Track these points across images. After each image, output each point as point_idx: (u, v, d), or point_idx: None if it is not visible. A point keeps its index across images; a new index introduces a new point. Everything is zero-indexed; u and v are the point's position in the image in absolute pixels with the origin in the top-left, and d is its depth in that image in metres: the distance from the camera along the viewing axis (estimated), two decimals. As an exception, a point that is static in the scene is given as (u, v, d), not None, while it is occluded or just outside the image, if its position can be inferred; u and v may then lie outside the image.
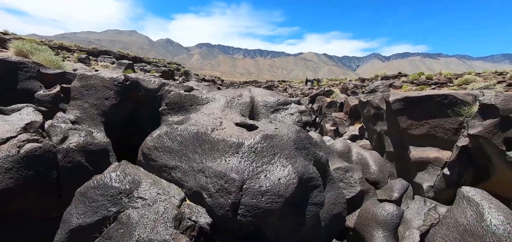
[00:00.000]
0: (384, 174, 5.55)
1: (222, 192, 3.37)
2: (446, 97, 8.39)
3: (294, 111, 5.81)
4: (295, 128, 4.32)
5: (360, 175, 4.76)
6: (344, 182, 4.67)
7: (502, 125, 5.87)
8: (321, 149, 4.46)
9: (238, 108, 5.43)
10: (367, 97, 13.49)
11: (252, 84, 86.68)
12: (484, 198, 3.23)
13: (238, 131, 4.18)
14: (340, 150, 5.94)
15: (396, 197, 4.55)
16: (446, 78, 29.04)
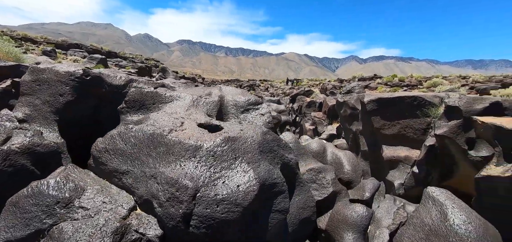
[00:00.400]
0: (357, 173, 5.59)
1: (173, 201, 3.06)
2: (416, 98, 8.74)
3: (265, 111, 5.58)
4: (262, 130, 4.13)
5: (332, 176, 4.73)
6: (317, 183, 4.62)
7: (464, 126, 6.15)
8: (290, 151, 4.29)
9: (204, 107, 5.17)
10: (344, 97, 13.79)
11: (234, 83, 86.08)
12: (448, 198, 3.32)
13: (199, 133, 3.93)
14: (315, 150, 5.90)
15: (368, 197, 4.58)
16: (417, 80, 30.71)
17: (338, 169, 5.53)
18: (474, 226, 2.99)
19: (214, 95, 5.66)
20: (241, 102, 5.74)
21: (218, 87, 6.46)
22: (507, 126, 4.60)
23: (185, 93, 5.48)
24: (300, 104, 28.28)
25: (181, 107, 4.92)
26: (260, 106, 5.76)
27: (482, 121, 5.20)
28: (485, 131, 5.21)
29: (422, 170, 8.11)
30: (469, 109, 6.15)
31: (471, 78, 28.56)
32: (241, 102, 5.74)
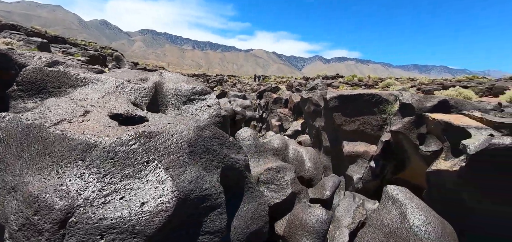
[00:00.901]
0: (319, 170, 5.49)
1: (28, 230, 2.06)
2: (373, 96, 9.11)
3: (212, 102, 4.91)
4: (197, 124, 3.32)
5: (292, 175, 4.47)
6: (275, 184, 4.31)
7: (416, 123, 6.47)
8: (238, 150, 3.62)
9: (131, 94, 4.31)
10: (308, 94, 13.96)
11: (202, 77, 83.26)
12: (407, 197, 3.31)
13: (104, 126, 3.01)
14: (277, 147, 5.64)
15: (328, 196, 4.46)
16: (373, 81, 33.07)
17: (300, 166, 5.34)
18: (433, 227, 3.01)
19: (150, 81, 4.84)
20: (183, 90, 4.90)
21: (159, 72, 5.61)
22: (455, 123, 4.88)
23: (108, 77, 4.54)
24: (267, 100, 28.33)
25: (98, 92, 4.01)
26: (207, 96, 5.01)
27: (433, 118, 5.48)
28: (435, 127, 5.50)
29: (378, 165, 8.49)
30: (421, 106, 6.47)
31: (418, 80, 31.71)
32: (183, 90, 4.90)
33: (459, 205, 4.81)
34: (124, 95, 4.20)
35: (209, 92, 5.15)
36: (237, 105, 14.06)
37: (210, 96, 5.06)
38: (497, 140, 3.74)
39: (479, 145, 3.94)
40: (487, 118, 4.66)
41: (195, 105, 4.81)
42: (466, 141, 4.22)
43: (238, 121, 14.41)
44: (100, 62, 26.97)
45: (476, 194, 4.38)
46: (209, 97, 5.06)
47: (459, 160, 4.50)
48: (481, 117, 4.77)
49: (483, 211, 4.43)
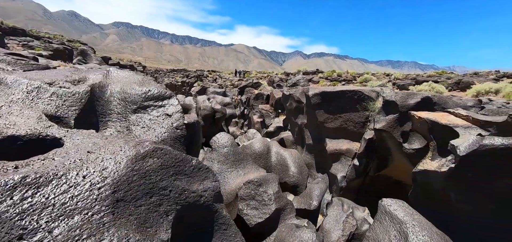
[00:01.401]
0: (303, 175, 5.14)
1: None
2: (356, 93, 8.96)
3: (173, 110, 3.89)
4: (134, 151, 2.35)
5: (275, 188, 4.01)
6: (257, 200, 3.83)
7: (400, 120, 6.33)
8: (205, 177, 2.75)
9: (50, 103, 3.26)
10: (290, 90, 13.65)
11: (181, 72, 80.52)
12: (407, 213, 3.03)
13: None
14: (258, 151, 5.20)
15: (316, 206, 4.12)
16: (352, 76, 33.89)
17: (283, 171, 4.96)
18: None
19: (85, 84, 3.83)
20: (134, 95, 3.87)
21: (105, 71, 4.51)
22: (442, 121, 4.74)
23: (18, 78, 3.45)
24: (248, 96, 27.86)
25: (1, 101, 3.01)
26: (167, 102, 4.02)
27: (419, 116, 5.33)
28: (421, 126, 5.36)
29: (362, 163, 8.38)
30: (404, 103, 6.35)
31: (393, 75, 32.96)
32: (134, 95, 3.87)
33: (446, 205, 4.69)
34: (38, 105, 3.16)
35: (169, 95, 4.17)
36: (216, 102, 13.41)
37: (170, 102, 4.06)
38: (487, 141, 3.60)
39: (469, 146, 3.78)
40: (473, 116, 4.57)
41: (150, 114, 3.79)
42: (455, 142, 4.06)
43: (218, 120, 13.79)
44: (65, 57, 24.74)
45: (464, 195, 4.26)
46: (169, 103, 4.03)
47: (447, 161, 4.36)
48: (467, 115, 4.68)
49: (470, 211, 4.33)
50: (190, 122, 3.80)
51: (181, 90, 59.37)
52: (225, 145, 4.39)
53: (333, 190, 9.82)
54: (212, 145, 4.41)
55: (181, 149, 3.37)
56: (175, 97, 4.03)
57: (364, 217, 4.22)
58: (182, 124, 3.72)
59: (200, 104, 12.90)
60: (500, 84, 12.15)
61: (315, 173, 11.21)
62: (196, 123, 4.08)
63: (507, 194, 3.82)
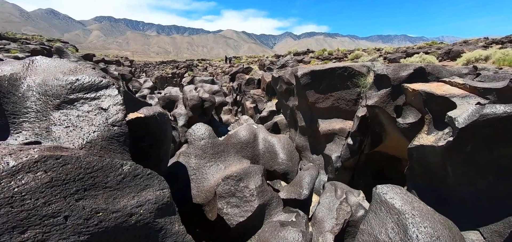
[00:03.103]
0: (294, 161, 4.83)
1: None
2: (346, 69, 8.58)
3: (110, 102, 3.15)
4: (7, 163, 1.74)
5: (258, 182, 3.62)
6: (237, 197, 3.45)
7: (393, 94, 6.02)
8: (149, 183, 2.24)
9: None
10: (279, 72, 13.18)
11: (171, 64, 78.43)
12: (405, 201, 2.71)
13: None
14: (244, 139, 4.83)
15: (306, 195, 3.83)
16: (343, 53, 33.46)
17: (272, 159, 4.63)
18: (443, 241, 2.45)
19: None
20: (56, 87, 3.15)
21: (26, 62, 3.65)
22: (437, 92, 4.43)
23: None
24: (240, 82, 27.29)
25: None
26: (102, 93, 3.23)
27: (413, 88, 5.01)
28: (416, 99, 5.06)
29: (356, 141, 8.13)
30: (396, 76, 6.01)
31: (383, 50, 32.65)
32: (56, 87, 3.15)
33: (443, 180, 4.47)
34: None
35: (105, 85, 3.36)
36: (204, 91, 12.88)
37: (107, 92, 3.24)
38: (489, 110, 3.30)
39: (468, 116, 3.49)
40: (471, 84, 4.26)
41: (78, 109, 3.01)
42: (452, 113, 3.76)
43: (207, 109, 13.31)
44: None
45: (461, 168, 4.02)
46: (105, 94, 3.23)
47: (444, 134, 4.09)
48: (464, 83, 4.37)
49: (467, 185, 4.11)
50: (148, 115, 3.26)
51: (172, 82, 58.10)
52: (202, 137, 3.99)
53: (328, 171, 9.64)
54: (188, 138, 4.02)
55: (119, 151, 2.72)
56: (115, 86, 3.33)
57: (359, 202, 3.97)
58: (121, 119, 3.00)
59: (187, 94, 12.37)
60: (489, 50, 11.93)
61: (310, 155, 11.00)
62: (156, 117, 3.35)
63: (506, 165, 3.58)
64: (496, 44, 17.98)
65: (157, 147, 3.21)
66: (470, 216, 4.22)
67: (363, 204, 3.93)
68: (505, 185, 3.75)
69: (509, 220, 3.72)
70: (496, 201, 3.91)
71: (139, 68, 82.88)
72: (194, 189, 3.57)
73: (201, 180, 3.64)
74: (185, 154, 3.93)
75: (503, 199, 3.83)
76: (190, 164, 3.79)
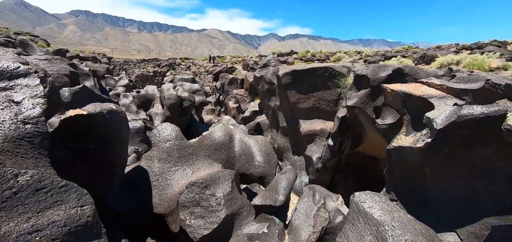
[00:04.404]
0: (272, 164, 4.57)
1: None
2: (327, 69, 8.50)
3: (25, 95, 2.56)
4: None
5: (227, 189, 3.27)
6: (202, 206, 3.09)
7: (372, 95, 5.96)
8: (60, 198, 1.72)
9: None
10: (261, 72, 12.95)
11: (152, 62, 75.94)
12: (384, 211, 2.52)
13: None
14: (219, 141, 4.50)
15: (282, 201, 3.58)
16: (326, 55, 34.05)
17: (248, 162, 4.34)
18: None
19: None
20: None
21: None
22: (415, 93, 4.37)
23: None
24: (223, 81, 26.81)
25: None
26: (16, 82, 2.63)
27: (391, 89, 4.94)
28: (394, 100, 4.99)
29: (336, 142, 8.06)
30: (375, 77, 5.95)
31: (364, 53, 33.63)
32: None
33: (422, 181, 4.41)
34: None
35: (23, 73, 2.74)
36: (183, 90, 12.33)
37: (23, 82, 2.64)
38: (466, 111, 3.24)
39: (446, 117, 3.41)
40: (447, 85, 4.24)
41: None
42: (431, 114, 3.69)
43: (186, 109, 12.76)
44: (8, 51, 21.55)
45: (440, 169, 3.96)
46: (20, 84, 2.63)
47: (422, 135, 4.01)
48: (441, 84, 4.35)
49: (446, 187, 4.06)
50: (93, 112, 2.77)
51: (153, 81, 56.15)
52: (167, 138, 3.60)
53: (309, 172, 9.53)
54: (152, 140, 3.61)
55: (30, 155, 2.16)
56: (37, 76, 2.76)
57: (338, 207, 3.79)
58: (38, 116, 2.41)
59: (164, 93, 11.76)
60: (460, 55, 12.50)
61: (292, 156, 10.85)
62: (104, 114, 2.81)
63: (483, 166, 3.55)
64: (466, 49, 19.04)
65: (106, 149, 2.77)
66: (448, 218, 4.19)
67: (341, 209, 3.75)
68: (482, 186, 3.72)
69: (486, 221, 3.70)
70: (474, 202, 3.89)
71: (119, 66, 79.42)
72: (155, 197, 3.18)
73: (164, 186, 3.24)
74: (148, 157, 3.51)
75: (480, 201, 3.80)
76: (152, 168, 3.38)
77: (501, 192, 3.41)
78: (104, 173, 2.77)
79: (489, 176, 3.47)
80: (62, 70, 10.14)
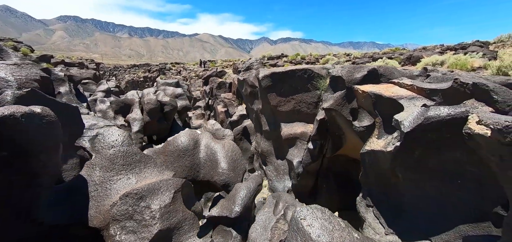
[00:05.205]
0: (238, 171, 4.28)
1: None
2: (306, 71, 8.31)
3: None
4: None
5: (165, 200, 2.92)
6: (135, 220, 2.73)
7: (348, 97, 5.77)
8: None
9: None
10: (243, 75, 12.71)
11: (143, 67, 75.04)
12: (325, 230, 2.24)
13: None
14: (182, 147, 4.19)
15: (238, 212, 3.28)
16: (315, 58, 34.22)
17: (213, 168, 4.04)
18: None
19: None
20: None
21: None
22: (385, 94, 4.19)
23: None
24: (212, 86, 26.50)
25: None
26: None
27: (362, 90, 4.75)
28: (366, 101, 4.80)
29: (316, 145, 7.84)
30: (351, 78, 5.77)
31: (352, 55, 33.99)
32: None
33: (396, 186, 4.20)
34: None
35: None
36: (164, 95, 11.94)
37: None
38: (433, 112, 3.05)
39: (413, 120, 3.22)
40: (418, 85, 4.07)
41: None
42: (399, 116, 3.49)
43: (168, 114, 12.36)
44: (-16, 57, 20.73)
45: (412, 174, 3.76)
46: None
47: (393, 138, 3.81)
48: (412, 84, 4.18)
49: (419, 191, 3.86)
50: (4, 114, 2.35)
51: (144, 86, 55.25)
52: (112, 144, 3.27)
53: (291, 177, 9.29)
54: (96, 146, 3.28)
55: None
56: None
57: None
58: None
59: (144, 98, 11.35)
60: (445, 56, 12.63)
61: (275, 160, 10.59)
62: (17, 117, 2.41)
63: (452, 170, 3.36)
64: (450, 50, 19.39)
65: (25, 157, 2.41)
66: (422, 225, 3.98)
67: (305, 221, 3.51)
68: (453, 191, 3.53)
69: (460, 229, 3.50)
70: (446, 208, 3.69)
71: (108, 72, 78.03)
72: (92, 209, 2.84)
73: (102, 197, 2.90)
74: (89, 165, 3.17)
75: (452, 206, 3.61)
76: (93, 177, 3.04)
77: (472, 198, 3.22)
78: (26, 183, 2.44)
79: (460, 181, 3.28)
80: (31, 75, 9.64)
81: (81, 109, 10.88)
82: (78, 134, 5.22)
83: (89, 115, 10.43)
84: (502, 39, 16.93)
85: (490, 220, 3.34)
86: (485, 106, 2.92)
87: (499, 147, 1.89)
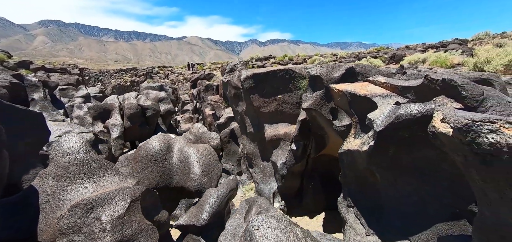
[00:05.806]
0: (211, 176, 4.11)
1: None
2: (287, 71, 8.25)
3: None
4: None
5: (119, 211, 2.66)
6: (84, 233, 2.45)
7: (327, 96, 5.71)
8: None
9: None
10: (227, 77, 12.54)
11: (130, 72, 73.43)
12: (278, 241, 2.13)
13: None
14: (154, 152, 3.98)
15: (204, 220, 3.12)
16: (302, 58, 34.47)
17: (186, 174, 3.85)
18: None
19: None
20: None
21: None
22: (360, 93, 4.14)
23: None
24: (199, 88, 26.15)
25: None
26: None
27: (338, 89, 4.70)
28: (341, 100, 4.75)
29: (299, 146, 7.76)
30: (329, 77, 5.72)
31: (339, 55, 34.48)
32: None
33: (373, 185, 4.15)
34: None
35: None
36: (146, 99, 11.58)
37: None
38: (404, 110, 3.00)
39: (385, 118, 3.16)
40: (391, 83, 4.04)
41: None
42: (372, 115, 3.44)
43: (150, 118, 12.00)
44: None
45: (388, 174, 3.71)
46: None
47: (368, 137, 3.75)
48: (386, 82, 4.15)
49: (396, 191, 3.81)
50: None
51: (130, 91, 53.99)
52: (67, 152, 3.01)
53: (276, 179, 9.18)
54: (50, 154, 3.02)
55: None
56: None
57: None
58: None
59: (124, 103, 10.97)
60: (426, 54, 12.95)
61: (261, 162, 10.45)
62: None
63: (425, 168, 3.32)
64: (431, 48, 19.97)
65: None
66: (400, 224, 3.94)
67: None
68: (429, 190, 3.50)
69: (437, 228, 3.46)
70: (423, 207, 3.66)
71: (94, 77, 75.80)
72: (41, 222, 2.60)
73: (54, 209, 2.65)
74: (42, 175, 2.90)
75: (429, 206, 3.58)
76: (45, 188, 2.79)
77: (446, 195, 3.18)
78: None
79: (433, 179, 3.24)
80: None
81: (56, 116, 10.36)
82: (42, 142, 4.89)
83: (65, 122, 9.94)
84: (479, 36, 17.60)
85: (465, 218, 3.33)
86: (454, 102, 2.90)
87: (461, 146, 1.83)
